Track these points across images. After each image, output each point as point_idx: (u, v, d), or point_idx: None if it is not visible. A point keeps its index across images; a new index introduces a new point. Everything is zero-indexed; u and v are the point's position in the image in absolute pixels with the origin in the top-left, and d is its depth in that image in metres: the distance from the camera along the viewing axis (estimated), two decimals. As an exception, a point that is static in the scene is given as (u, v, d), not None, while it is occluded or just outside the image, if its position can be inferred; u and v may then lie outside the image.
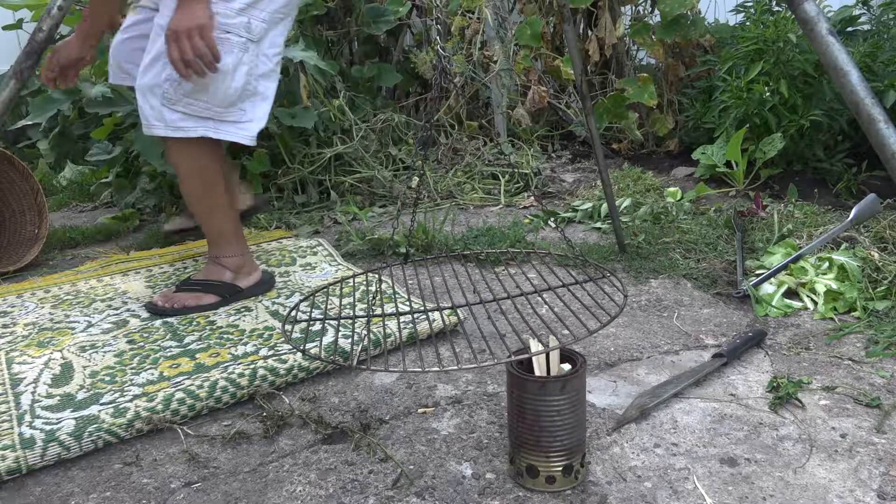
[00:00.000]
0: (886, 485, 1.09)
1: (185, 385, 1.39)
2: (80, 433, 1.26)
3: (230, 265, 1.86)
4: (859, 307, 1.63)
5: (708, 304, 1.76)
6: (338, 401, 1.41)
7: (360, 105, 3.11)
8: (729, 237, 2.10)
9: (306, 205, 2.74)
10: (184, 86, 1.61)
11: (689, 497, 1.09)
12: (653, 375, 1.44)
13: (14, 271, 2.23)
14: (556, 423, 1.06)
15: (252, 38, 1.65)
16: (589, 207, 2.46)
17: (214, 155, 1.77)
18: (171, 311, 1.80)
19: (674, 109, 3.18)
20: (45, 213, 2.41)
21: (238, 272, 1.87)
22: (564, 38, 2.15)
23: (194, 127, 1.65)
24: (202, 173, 1.77)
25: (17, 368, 1.54)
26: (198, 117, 1.65)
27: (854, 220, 1.89)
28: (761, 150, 2.55)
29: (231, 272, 1.86)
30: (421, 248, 2.17)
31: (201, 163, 1.75)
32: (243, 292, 1.88)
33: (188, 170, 1.75)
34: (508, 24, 3.39)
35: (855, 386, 1.36)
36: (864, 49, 2.45)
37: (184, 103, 1.63)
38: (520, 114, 3.27)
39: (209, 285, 1.85)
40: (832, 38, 1.20)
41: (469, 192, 2.82)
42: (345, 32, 3.36)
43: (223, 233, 1.86)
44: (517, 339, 1.54)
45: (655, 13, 3.18)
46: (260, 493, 1.15)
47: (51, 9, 1.39)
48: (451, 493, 1.12)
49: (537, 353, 1.11)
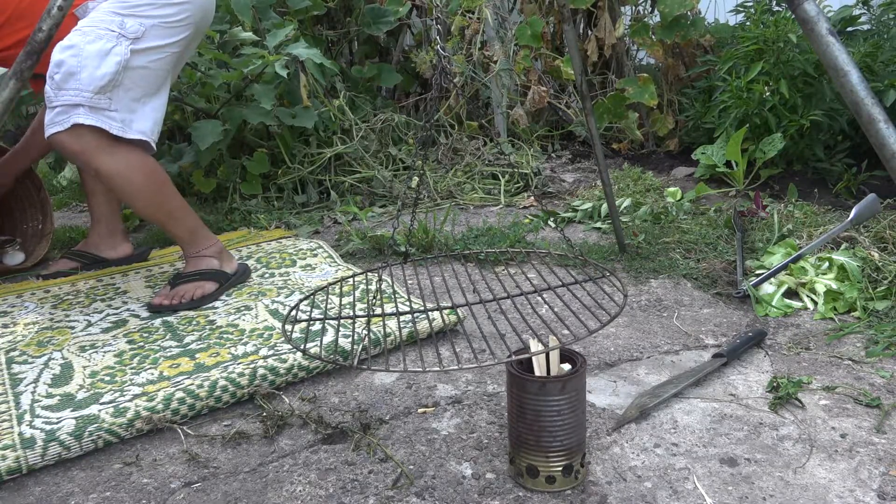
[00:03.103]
0: (886, 485, 1.09)
1: (185, 385, 1.39)
2: (80, 433, 1.26)
3: (212, 253, 1.91)
4: (859, 307, 1.63)
5: (708, 304, 1.76)
6: (338, 401, 1.41)
7: (360, 105, 3.11)
8: (729, 237, 2.10)
9: (306, 205, 2.74)
10: (55, 78, 1.64)
11: (689, 497, 1.09)
12: (653, 375, 1.44)
13: (17, 270, 2.23)
14: (556, 423, 1.06)
15: (125, 35, 1.68)
16: (589, 207, 2.46)
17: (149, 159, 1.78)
18: (177, 307, 1.81)
19: (674, 109, 3.18)
20: (50, 210, 2.41)
21: (221, 259, 1.92)
22: (564, 38, 2.15)
23: (68, 117, 1.65)
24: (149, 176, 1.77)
25: (17, 368, 1.54)
26: (69, 105, 1.65)
27: (854, 220, 1.89)
28: (761, 150, 2.55)
29: (216, 259, 1.91)
30: (421, 247, 2.17)
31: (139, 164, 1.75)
32: (231, 278, 1.93)
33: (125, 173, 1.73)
34: (508, 24, 3.39)
35: (855, 386, 1.36)
36: (864, 49, 2.45)
37: (58, 97, 1.65)
38: (519, 114, 3.27)
39: (204, 273, 1.88)
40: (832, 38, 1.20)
41: (469, 192, 2.82)
42: (345, 32, 3.36)
43: (193, 229, 1.89)
44: (517, 338, 1.54)
45: (655, 13, 3.18)
46: (260, 493, 1.15)
47: (51, 9, 1.39)
48: (451, 493, 1.12)
49: (537, 353, 1.11)
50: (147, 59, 1.73)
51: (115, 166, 1.71)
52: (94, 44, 1.65)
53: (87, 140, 1.67)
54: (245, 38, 2.58)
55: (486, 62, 3.34)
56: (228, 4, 2.61)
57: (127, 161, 1.72)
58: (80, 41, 1.65)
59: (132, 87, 1.71)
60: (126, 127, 1.70)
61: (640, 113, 3.20)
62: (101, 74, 1.65)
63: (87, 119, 1.65)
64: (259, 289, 1.93)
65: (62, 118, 1.65)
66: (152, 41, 1.73)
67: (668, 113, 3.17)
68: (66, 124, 1.64)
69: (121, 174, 1.72)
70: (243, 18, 2.63)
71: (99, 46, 1.65)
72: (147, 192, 1.78)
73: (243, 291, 1.92)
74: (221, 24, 2.68)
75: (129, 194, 1.77)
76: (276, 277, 2.02)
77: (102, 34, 1.66)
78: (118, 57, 1.67)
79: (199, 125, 2.48)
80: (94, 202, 2.18)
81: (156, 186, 1.79)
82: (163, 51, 1.76)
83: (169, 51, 1.78)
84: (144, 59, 1.72)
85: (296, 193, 2.77)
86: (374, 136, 2.97)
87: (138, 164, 1.74)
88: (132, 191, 1.76)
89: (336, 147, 2.82)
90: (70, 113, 1.64)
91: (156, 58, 1.75)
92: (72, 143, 1.66)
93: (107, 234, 2.19)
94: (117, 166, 1.71)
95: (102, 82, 1.65)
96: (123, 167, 1.72)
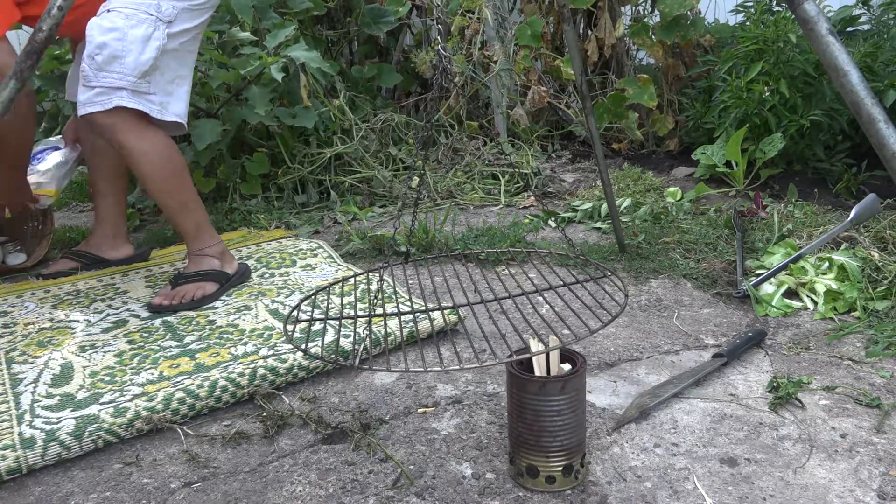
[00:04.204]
0: (886, 485, 1.09)
1: (185, 385, 1.39)
2: (80, 433, 1.26)
3: (214, 253, 1.91)
4: (859, 307, 1.63)
5: (708, 304, 1.76)
6: (338, 401, 1.41)
7: (360, 105, 3.11)
8: (729, 237, 2.10)
9: (306, 205, 2.74)
10: (96, 59, 1.68)
11: (689, 497, 1.09)
12: (653, 375, 1.44)
13: (18, 270, 2.23)
14: (556, 423, 1.06)
15: (161, 18, 1.73)
16: (589, 207, 2.46)
17: (173, 144, 1.83)
18: (177, 307, 1.81)
19: (674, 109, 3.18)
20: (50, 210, 2.40)
21: (222, 259, 1.92)
22: (564, 39, 2.15)
23: (109, 98, 1.70)
24: (170, 160, 1.81)
25: (17, 368, 1.54)
26: (111, 88, 1.70)
27: (854, 220, 1.89)
28: (761, 150, 2.55)
29: (217, 260, 1.91)
30: (421, 247, 2.17)
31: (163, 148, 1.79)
32: (232, 278, 1.93)
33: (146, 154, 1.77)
34: (508, 24, 3.39)
35: (855, 386, 1.36)
36: (864, 49, 2.45)
37: (99, 78, 1.69)
38: (520, 114, 3.27)
39: (205, 274, 1.88)
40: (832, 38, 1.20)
41: (469, 192, 2.82)
42: (345, 32, 3.36)
43: (200, 224, 1.90)
44: (518, 338, 1.54)
45: (655, 13, 3.18)
46: (260, 493, 1.15)
47: (51, 9, 1.39)
48: (451, 493, 1.12)
49: (537, 353, 1.11)
50: (178, 42, 1.78)
51: (143, 146, 1.75)
52: (138, 28, 1.69)
53: (123, 119, 1.72)
54: (243, 38, 2.58)
55: (486, 62, 3.34)
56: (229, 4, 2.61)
57: (153, 143, 1.77)
58: (124, 25, 1.69)
59: (167, 70, 1.76)
60: (164, 110, 1.76)
61: (640, 113, 3.20)
62: (144, 59, 1.70)
63: (129, 102, 1.71)
64: (259, 289, 1.93)
65: (103, 99, 1.69)
66: (183, 24, 1.77)
67: (668, 113, 3.17)
68: (107, 105, 1.70)
69: (146, 154, 1.76)
70: (244, 18, 2.63)
71: (142, 31, 1.70)
72: (166, 176, 1.81)
73: (243, 291, 1.92)
74: (221, 23, 2.68)
75: (149, 175, 1.80)
76: (276, 277, 2.02)
77: (143, 18, 1.70)
78: (157, 42, 1.72)
79: (199, 125, 2.48)
80: (103, 203, 2.18)
81: (175, 171, 1.83)
82: (190, 33, 1.81)
83: (195, 33, 1.83)
84: (177, 43, 1.77)
85: (296, 193, 2.77)
86: (374, 136, 2.97)
87: (163, 147, 1.79)
88: (153, 172, 1.79)
89: (336, 147, 2.82)
90: (112, 95, 1.69)
91: (185, 40, 1.80)
92: (106, 120, 1.72)
93: (110, 235, 2.19)
94: (144, 146, 1.75)
95: (145, 67, 1.71)
96: (150, 147, 1.76)
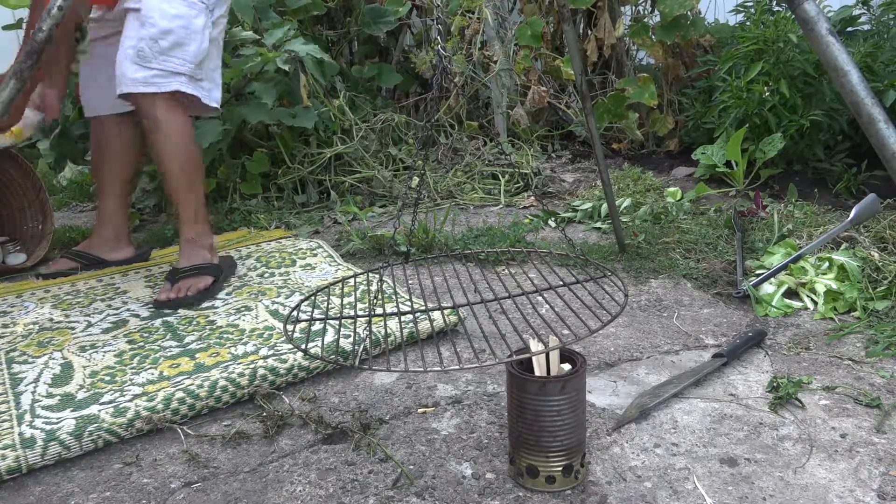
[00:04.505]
0: (886, 485, 1.09)
1: (186, 384, 1.39)
2: (80, 432, 1.26)
3: (206, 245, 1.93)
4: (859, 307, 1.63)
5: (708, 304, 1.76)
6: (338, 401, 1.41)
7: (360, 105, 3.11)
8: (729, 237, 2.10)
9: (306, 205, 2.74)
10: (160, 43, 1.74)
11: (689, 497, 1.09)
12: (653, 375, 1.44)
13: (20, 269, 2.23)
14: (556, 423, 1.06)
15: (209, 7, 1.83)
16: (589, 207, 2.46)
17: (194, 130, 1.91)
18: (183, 299, 1.82)
19: (674, 109, 3.18)
20: (49, 210, 2.41)
21: (212, 252, 1.95)
22: (564, 39, 2.15)
23: (168, 81, 1.77)
24: (191, 142, 1.88)
25: (17, 368, 1.54)
26: (171, 72, 1.77)
27: (854, 220, 1.89)
28: (761, 150, 2.55)
29: (209, 252, 1.94)
30: (421, 247, 2.17)
31: (190, 129, 1.88)
32: (224, 272, 1.96)
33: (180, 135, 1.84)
34: (508, 24, 3.39)
35: (855, 386, 1.36)
36: (864, 49, 2.45)
37: (159, 60, 1.75)
38: (519, 114, 3.27)
39: (201, 268, 1.89)
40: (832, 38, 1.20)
41: (469, 192, 2.82)
42: (345, 32, 3.36)
43: (199, 210, 1.94)
44: (518, 338, 1.53)
45: (655, 13, 3.18)
46: (260, 493, 1.15)
47: (51, 9, 1.39)
48: (451, 493, 1.12)
49: (537, 353, 1.11)
50: (217, 31, 1.88)
51: (174, 124, 1.82)
52: (199, 18, 1.80)
53: (166, 98, 1.79)
54: (246, 37, 2.58)
55: (486, 62, 3.34)
56: (228, 4, 2.61)
57: (183, 122, 1.85)
58: (188, 14, 1.78)
59: (211, 58, 1.86)
60: (210, 95, 1.87)
61: (640, 113, 3.20)
62: (203, 48, 1.81)
63: (187, 88, 1.80)
64: (259, 288, 1.93)
65: (161, 81, 1.76)
66: (218, 11, 1.87)
67: (668, 113, 3.17)
68: (165, 88, 1.77)
69: (174, 132, 1.82)
70: (244, 18, 2.63)
71: (202, 21, 1.81)
72: (185, 157, 1.87)
73: (243, 291, 1.92)
74: (221, 23, 2.68)
75: (170, 152, 1.84)
76: (275, 277, 2.02)
77: (200, 7, 1.80)
78: (209, 30, 1.82)
79: (199, 124, 2.47)
80: (106, 204, 2.18)
81: (193, 154, 1.90)
82: (222, 21, 1.90)
83: (224, 21, 1.91)
84: (216, 31, 1.87)
85: (296, 193, 2.77)
86: (374, 136, 2.97)
87: (188, 130, 1.88)
88: (175, 150, 1.84)
89: (336, 147, 2.82)
90: (170, 79, 1.77)
91: (220, 29, 1.90)
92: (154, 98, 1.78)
93: (112, 237, 2.19)
94: (175, 125, 1.82)
95: (202, 56, 1.82)
96: (180, 126, 1.84)
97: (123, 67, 1.77)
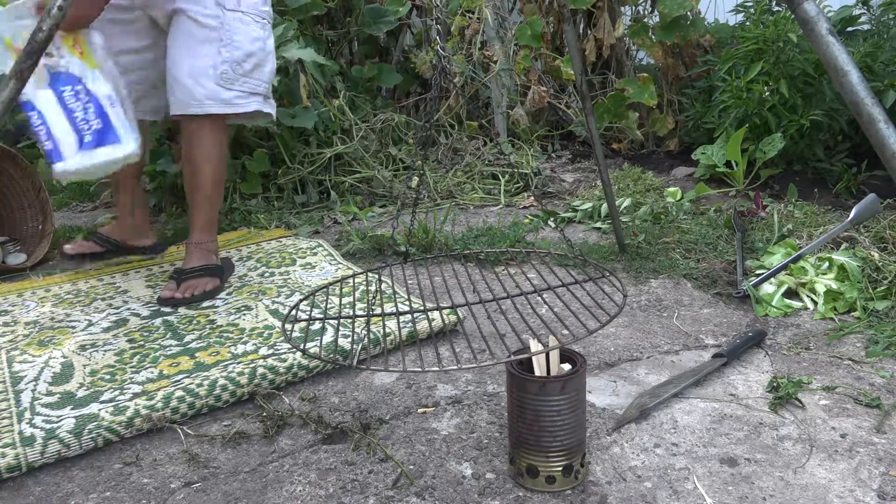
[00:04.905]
0: (886, 485, 1.09)
1: (185, 383, 1.39)
2: (80, 431, 1.26)
3: (213, 249, 1.96)
4: (859, 307, 1.63)
5: (708, 304, 1.76)
6: (338, 401, 1.41)
7: (360, 105, 3.11)
8: (729, 237, 2.10)
9: (306, 205, 2.74)
10: (243, 66, 1.79)
11: (689, 497, 1.09)
12: (653, 375, 1.44)
13: (20, 269, 2.23)
14: (556, 423, 1.06)
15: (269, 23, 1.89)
16: (589, 207, 2.46)
17: None
18: (190, 299, 1.83)
19: (674, 109, 3.18)
20: (49, 210, 2.41)
21: (216, 254, 1.98)
22: (564, 39, 2.15)
23: (248, 102, 1.84)
24: (223, 160, 1.95)
25: (17, 367, 1.54)
26: (251, 93, 1.83)
27: (854, 220, 1.89)
28: (761, 150, 2.55)
29: (214, 255, 1.96)
30: (421, 247, 2.17)
31: (225, 149, 1.95)
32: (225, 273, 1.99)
33: (219, 153, 1.91)
34: (508, 24, 3.39)
35: (855, 386, 1.36)
36: (864, 49, 2.45)
37: (241, 82, 1.81)
38: (519, 114, 3.27)
39: (209, 269, 1.91)
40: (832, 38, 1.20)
41: (469, 192, 2.82)
42: (345, 32, 3.36)
43: (213, 219, 1.97)
44: (517, 338, 1.53)
45: (655, 13, 3.18)
46: (260, 493, 1.15)
47: (51, 9, 1.39)
48: (451, 493, 1.12)
49: (537, 353, 1.11)
50: None
51: (217, 138, 1.88)
52: (270, 38, 1.88)
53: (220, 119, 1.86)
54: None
55: (486, 62, 3.34)
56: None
57: (224, 138, 1.94)
58: (263, 35, 1.84)
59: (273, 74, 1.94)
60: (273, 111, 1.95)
61: (640, 113, 3.20)
62: (273, 68, 1.90)
63: (263, 107, 1.89)
64: (259, 288, 1.93)
65: (242, 101, 1.83)
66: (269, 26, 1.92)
67: (668, 113, 3.17)
68: (246, 108, 1.84)
69: (217, 143, 1.89)
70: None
71: (272, 42, 1.89)
72: (218, 166, 1.91)
73: (243, 291, 1.92)
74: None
75: (207, 160, 1.88)
76: (275, 276, 2.02)
77: (268, 26, 1.86)
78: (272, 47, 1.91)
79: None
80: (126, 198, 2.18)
81: (223, 165, 1.95)
82: None
83: None
84: None
85: (296, 193, 2.77)
86: (374, 136, 2.97)
87: (226, 142, 1.97)
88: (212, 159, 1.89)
89: (336, 147, 2.82)
90: (250, 99, 1.84)
91: None
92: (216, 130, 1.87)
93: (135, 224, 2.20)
94: (220, 136, 1.90)
95: (273, 74, 1.91)
96: (221, 139, 1.91)
97: (202, 83, 1.78)
